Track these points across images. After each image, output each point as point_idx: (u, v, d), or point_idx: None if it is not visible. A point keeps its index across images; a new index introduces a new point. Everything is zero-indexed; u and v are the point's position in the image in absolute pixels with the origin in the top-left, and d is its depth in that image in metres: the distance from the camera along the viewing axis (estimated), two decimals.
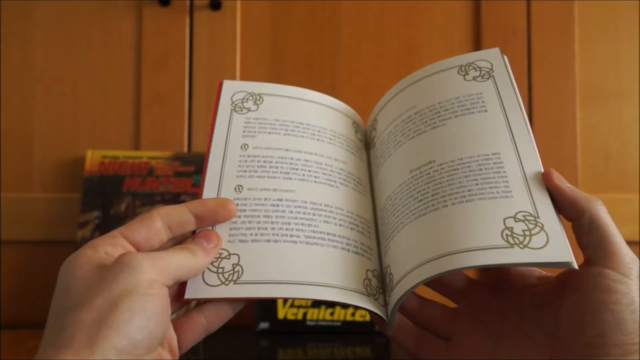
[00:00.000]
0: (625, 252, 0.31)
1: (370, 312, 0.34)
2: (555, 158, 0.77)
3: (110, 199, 0.72)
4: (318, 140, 0.41)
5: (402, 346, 0.37)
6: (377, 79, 0.79)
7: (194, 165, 0.74)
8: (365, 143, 0.45)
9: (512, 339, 0.33)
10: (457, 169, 0.35)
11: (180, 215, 0.33)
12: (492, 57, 0.40)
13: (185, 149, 0.77)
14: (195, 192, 0.73)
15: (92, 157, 0.74)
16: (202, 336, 0.33)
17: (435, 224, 0.33)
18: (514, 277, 0.36)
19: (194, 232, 0.34)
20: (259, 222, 0.35)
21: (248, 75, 0.78)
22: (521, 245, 0.30)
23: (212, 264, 0.33)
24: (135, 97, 0.78)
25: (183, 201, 0.72)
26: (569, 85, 0.78)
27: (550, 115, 0.78)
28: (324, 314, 0.67)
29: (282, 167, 0.38)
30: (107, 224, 0.71)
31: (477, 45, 0.79)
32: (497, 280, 0.36)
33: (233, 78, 0.77)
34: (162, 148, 0.76)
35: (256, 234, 0.35)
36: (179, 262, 0.30)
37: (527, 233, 0.31)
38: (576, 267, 0.29)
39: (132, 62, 0.78)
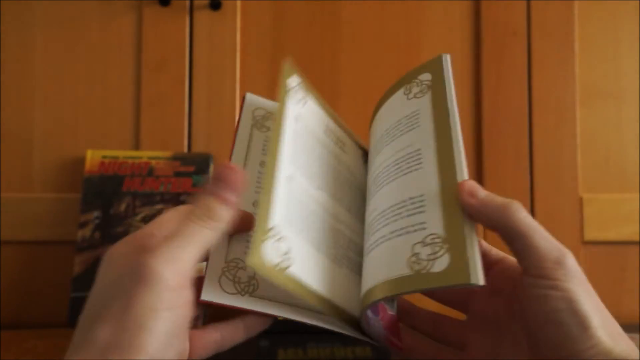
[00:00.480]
0: (548, 251, 0.29)
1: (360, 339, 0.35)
2: (555, 158, 0.77)
3: (110, 199, 0.72)
4: (341, 165, 0.41)
5: None
6: (377, 79, 0.79)
7: (194, 165, 0.74)
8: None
9: (509, 344, 0.33)
10: (386, 213, 0.34)
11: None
12: (433, 67, 0.38)
13: (185, 149, 0.77)
14: (195, 192, 0.73)
15: (92, 157, 0.74)
16: (213, 352, 0.32)
17: (368, 262, 0.34)
18: (500, 280, 0.35)
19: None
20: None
21: (248, 75, 0.78)
22: (424, 271, 0.29)
23: (228, 271, 0.33)
24: (135, 97, 0.78)
25: (183, 201, 0.72)
26: (569, 85, 0.78)
27: (550, 116, 0.78)
28: None
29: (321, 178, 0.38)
30: (107, 224, 0.71)
31: (477, 45, 0.79)
32: (491, 287, 0.36)
33: (233, 78, 0.77)
34: (162, 148, 0.76)
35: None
36: (202, 243, 0.29)
37: (431, 257, 0.29)
38: (481, 284, 0.27)
39: (132, 62, 0.78)
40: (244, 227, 0.34)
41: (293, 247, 0.32)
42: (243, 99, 0.41)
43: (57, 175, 0.76)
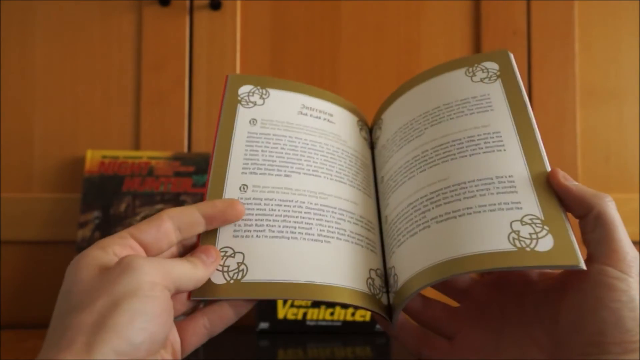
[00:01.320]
0: (628, 250, 0.30)
1: (373, 312, 0.34)
2: (555, 158, 0.77)
3: (110, 199, 0.72)
4: (324, 141, 0.40)
5: (405, 345, 0.37)
6: (377, 78, 0.79)
7: (194, 165, 0.74)
8: (370, 142, 0.45)
9: (513, 338, 0.33)
10: (466, 185, 0.35)
11: (190, 216, 0.32)
12: (499, 58, 0.40)
13: (185, 149, 0.77)
14: (195, 192, 0.73)
15: (92, 157, 0.74)
16: (205, 339, 0.33)
17: (444, 232, 0.34)
18: (514, 275, 0.36)
19: (198, 237, 0.34)
20: (262, 221, 0.35)
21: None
22: (528, 249, 0.30)
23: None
24: (135, 97, 0.78)
25: (183, 201, 0.72)
26: (569, 85, 0.78)
27: (550, 115, 0.78)
28: (324, 314, 0.67)
29: (287, 166, 0.38)
30: (107, 224, 0.71)
31: (477, 45, 0.79)
32: (498, 279, 0.36)
33: None
34: (162, 148, 0.76)
35: (260, 233, 0.35)
36: (180, 270, 0.30)
37: (533, 236, 0.31)
38: (584, 268, 0.29)
39: (132, 62, 0.78)
40: (234, 217, 0.34)
41: (248, 254, 0.34)
42: (226, 79, 0.41)
43: (57, 175, 0.76)
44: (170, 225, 0.31)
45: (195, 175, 0.73)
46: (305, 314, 0.67)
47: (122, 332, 0.25)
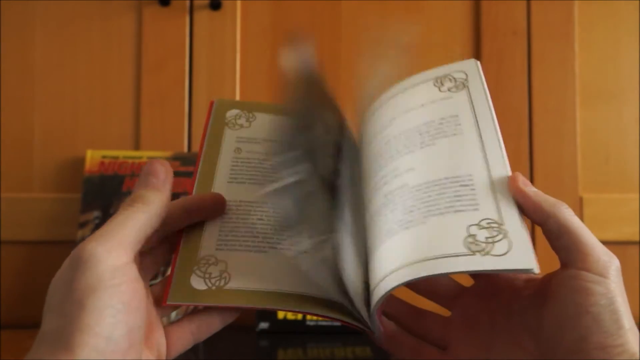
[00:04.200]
0: (600, 251, 0.30)
1: (350, 324, 0.34)
2: (555, 158, 0.77)
3: (110, 199, 0.72)
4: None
5: (396, 355, 0.37)
6: None
7: (194, 166, 0.74)
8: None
9: (503, 345, 0.33)
10: (431, 189, 0.35)
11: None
12: (467, 67, 0.40)
13: (185, 149, 0.77)
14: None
15: (92, 157, 0.74)
16: (191, 345, 0.32)
17: (406, 238, 0.34)
18: (501, 281, 0.35)
19: (178, 242, 0.34)
20: (246, 231, 0.35)
21: (248, 75, 0.78)
22: (483, 253, 0.30)
23: (199, 269, 0.33)
24: (135, 97, 0.78)
25: None
26: (569, 85, 0.78)
27: (550, 115, 0.78)
28: None
29: (267, 182, 0.38)
30: None
31: (477, 45, 0.79)
32: (486, 286, 0.36)
33: (233, 78, 0.77)
34: (162, 148, 0.76)
35: (243, 245, 0.35)
36: (134, 225, 0.29)
37: (489, 240, 0.30)
38: (537, 272, 0.29)
39: (132, 62, 0.78)
40: (216, 212, 0.35)
41: (230, 264, 0.34)
42: (211, 105, 0.42)
43: (57, 175, 0.76)
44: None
45: None
46: (305, 314, 0.67)
47: (95, 331, 0.25)
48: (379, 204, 0.37)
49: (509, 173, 0.33)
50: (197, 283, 0.33)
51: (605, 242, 0.31)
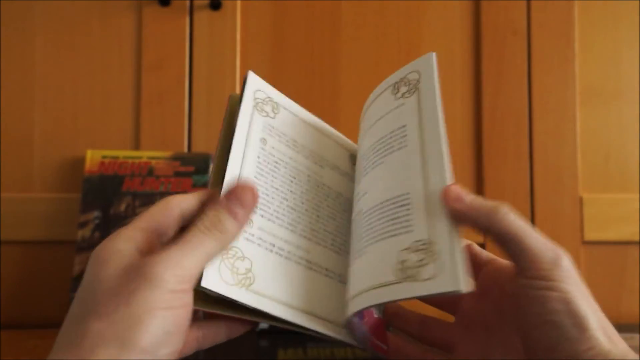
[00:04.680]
0: (543, 253, 0.28)
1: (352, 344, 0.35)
2: (555, 158, 0.77)
3: (110, 199, 0.72)
4: (322, 170, 0.41)
5: None
6: (377, 79, 0.79)
7: (194, 165, 0.74)
8: None
9: (499, 345, 0.33)
10: (373, 214, 0.34)
11: (191, 202, 0.32)
12: (421, 65, 0.38)
13: (185, 149, 0.77)
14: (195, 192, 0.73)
15: (92, 157, 0.74)
16: (193, 351, 0.32)
17: (357, 267, 0.34)
18: (488, 282, 0.35)
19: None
20: (271, 232, 0.35)
21: None
22: (410, 279, 0.29)
23: (227, 259, 0.32)
24: (135, 97, 0.78)
25: None
26: (569, 85, 0.78)
27: (550, 115, 0.78)
28: None
29: (290, 195, 0.38)
30: (107, 224, 0.71)
31: (477, 46, 0.79)
32: (481, 287, 0.36)
33: (233, 78, 0.77)
34: (162, 148, 0.76)
35: (267, 243, 0.34)
36: (205, 252, 0.29)
37: (418, 264, 0.29)
38: (466, 290, 0.27)
39: (132, 62, 0.78)
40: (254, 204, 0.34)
41: (255, 264, 0.33)
42: (245, 77, 0.40)
43: (57, 175, 0.76)
44: (179, 212, 0.31)
45: (195, 175, 0.73)
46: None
47: (146, 347, 0.25)
48: (351, 230, 0.38)
49: (447, 183, 0.31)
50: (226, 274, 0.31)
51: (605, 242, 0.31)
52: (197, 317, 0.34)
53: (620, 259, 0.76)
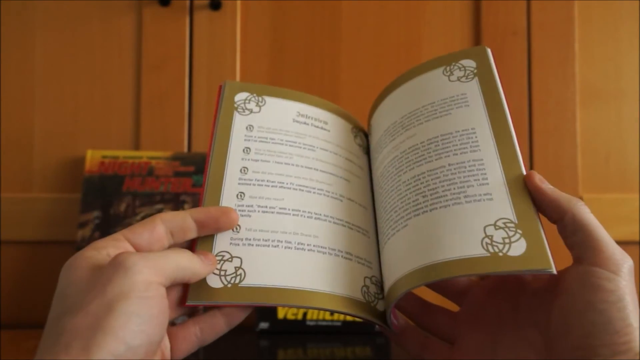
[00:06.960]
0: (614, 249, 0.30)
1: (365, 319, 0.34)
2: (555, 158, 0.77)
3: (110, 199, 0.72)
4: (319, 149, 0.40)
5: (406, 349, 0.37)
6: (377, 79, 0.79)
7: (194, 165, 0.74)
8: (365, 147, 0.45)
9: (510, 340, 0.33)
10: (439, 175, 0.35)
11: (182, 221, 0.32)
12: (477, 55, 0.39)
13: (185, 149, 0.77)
14: (195, 192, 0.73)
15: (92, 157, 0.74)
16: (195, 348, 0.32)
17: (420, 232, 0.33)
18: (509, 277, 0.36)
19: (193, 241, 0.34)
20: (260, 229, 0.35)
21: (248, 75, 0.78)
22: (500, 254, 0.30)
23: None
24: (135, 97, 0.78)
25: (183, 201, 0.72)
26: (569, 85, 0.78)
27: (550, 115, 0.78)
28: (324, 314, 0.67)
29: (283, 179, 0.38)
30: (107, 224, 0.71)
31: (477, 45, 0.79)
32: (494, 281, 0.36)
33: (233, 78, 0.77)
34: (162, 148, 0.76)
35: (257, 241, 0.35)
36: (177, 262, 0.30)
37: (506, 241, 0.30)
38: (555, 272, 0.29)
39: (132, 62, 0.78)
40: (227, 225, 0.34)
41: (245, 260, 0.33)
42: (220, 88, 0.41)
43: (57, 175, 0.76)
44: (163, 229, 0.31)
45: (195, 175, 0.73)
46: (305, 314, 0.67)
47: (118, 335, 0.25)
48: (390, 194, 0.37)
49: (524, 170, 0.33)
50: (213, 281, 0.32)
51: None
52: (194, 313, 0.34)
53: None
